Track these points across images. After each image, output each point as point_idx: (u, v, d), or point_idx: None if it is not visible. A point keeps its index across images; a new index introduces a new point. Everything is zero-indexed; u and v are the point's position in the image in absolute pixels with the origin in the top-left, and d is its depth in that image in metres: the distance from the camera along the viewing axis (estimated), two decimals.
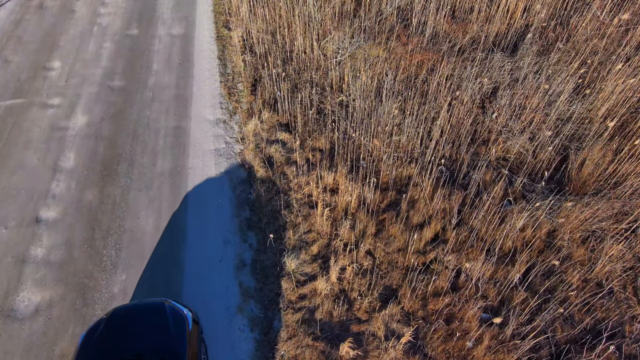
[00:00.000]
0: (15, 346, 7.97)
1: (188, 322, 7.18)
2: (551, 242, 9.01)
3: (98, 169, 10.55)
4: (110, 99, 12.14)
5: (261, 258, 9.11)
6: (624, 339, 7.92)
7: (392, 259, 8.95)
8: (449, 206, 9.49)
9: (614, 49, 12.02)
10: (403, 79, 11.80)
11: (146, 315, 7.30)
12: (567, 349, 7.79)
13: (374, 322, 8.16)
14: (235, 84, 12.56)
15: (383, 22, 13.22)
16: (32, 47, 13.61)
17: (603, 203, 9.20)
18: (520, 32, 12.78)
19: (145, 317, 7.27)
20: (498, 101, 11.18)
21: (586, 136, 10.37)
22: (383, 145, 10.44)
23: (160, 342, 6.87)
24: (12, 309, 8.43)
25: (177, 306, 7.40)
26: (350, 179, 9.80)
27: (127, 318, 7.28)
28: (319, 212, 9.34)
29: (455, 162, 10.34)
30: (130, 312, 7.40)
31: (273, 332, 8.13)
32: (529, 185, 9.88)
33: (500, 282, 8.49)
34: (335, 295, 8.50)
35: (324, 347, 7.89)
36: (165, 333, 6.94)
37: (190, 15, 14.88)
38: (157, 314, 7.24)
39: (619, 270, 8.63)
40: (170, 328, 7.00)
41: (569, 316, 8.18)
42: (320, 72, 12.27)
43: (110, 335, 6.97)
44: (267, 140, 11.02)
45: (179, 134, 11.30)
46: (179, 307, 7.40)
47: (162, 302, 7.43)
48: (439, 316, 8.20)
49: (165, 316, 7.16)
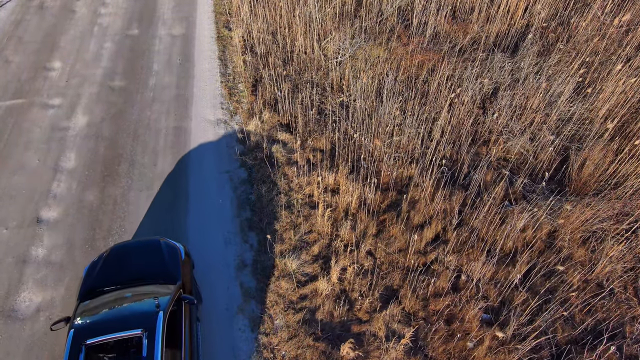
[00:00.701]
0: (16, 347, 7.98)
1: (181, 253, 8.01)
2: (552, 243, 9.02)
3: (99, 169, 10.55)
4: (110, 99, 12.14)
5: (262, 258, 9.11)
6: (624, 339, 7.93)
7: (393, 259, 8.96)
8: (450, 207, 9.50)
9: (614, 49, 12.03)
10: (404, 80, 11.81)
11: (143, 248, 8.03)
12: (568, 349, 7.80)
13: (375, 322, 8.16)
14: (235, 84, 12.56)
15: (384, 23, 13.23)
16: (32, 48, 13.61)
17: (604, 203, 9.21)
18: (520, 32, 12.79)
19: (142, 250, 8.00)
20: (499, 101, 11.18)
21: (587, 136, 10.38)
22: (384, 145, 10.45)
23: (157, 268, 7.65)
24: (13, 309, 8.44)
25: (170, 242, 8.17)
26: (351, 179, 9.80)
27: (126, 252, 7.99)
28: (320, 213, 9.35)
29: (455, 162, 10.35)
30: (128, 247, 8.10)
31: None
32: (530, 185, 9.89)
33: (501, 283, 8.50)
34: (336, 296, 8.51)
35: (324, 348, 7.90)
36: (161, 262, 7.75)
37: (190, 15, 14.88)
38: (152, 247, 8.01)
39: (620, 271, 8.64)
40: (165, 257, 7.81)
41: (570, 317, 8.18)
42: (320, 73, 12.28)
43: (111, 266, 7.71)
44: (267, 140, 11.02)
45: (179, 134, 11.31)
46: (172, 242, 8.17)
47: (157, 238, 8.19)
48: (439, 317, 8.20)
49: (160, 249, 7.95)
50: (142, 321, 6.64)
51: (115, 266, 7.72)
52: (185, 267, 7.86)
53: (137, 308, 6.85)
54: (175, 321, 7.19)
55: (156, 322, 6.62)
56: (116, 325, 6.64)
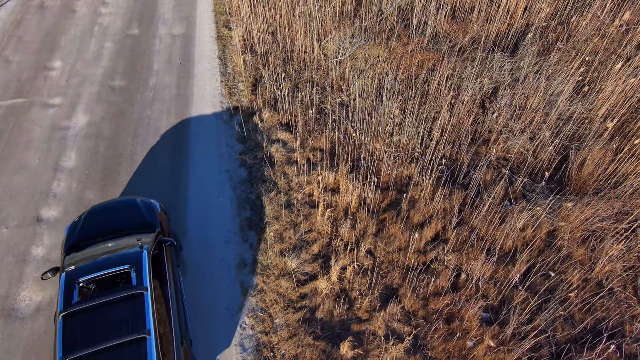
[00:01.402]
0: (16, 346, 7.99)
1: (157, 208, 8.60)
2: (552, 242, 9.03)
3: (99, 168, 10.56)
4: (111, 99, 12.15)
5: (262, 258, 9.13)
6: (624, 338, 7.94)
7: (393, 258, 8.97)
8: (450, 206, 9.50)
9: (614, 49, 12.03)
10: (404, 79, 11.82)
11: (120, 205, 8.58)
12: (568, 348, 7.81)
13: (375, 321, 8.17)
14: (236, 84, 12.57)
15: (384, 22, 13.24)
16: (33, 47, 13.62)
17: (603, 203, 9.21)
18: (520, 32, 12.80)
19: (120, 206, 8.55)
20: (499, 101, 11.19)
21: (586, 136, 10.39)
22: (384, 145, 10.46)
23: (135, 220, 8.22)
24: (13, 308, 8.45)
25: (146, 199, 8.74)
26: (351, 178, 9.81)
27: (104, 209, 8.49)
28: (320, 212, 9.36)
29: (456, 162, 10.36)
30: (106, 205, 8.59)
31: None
32: (530, 185, 9.89)
33: (501, 282, 8.51)
34: (336, 295, 8.52)
35: (324, 347, 7.91)
36: (139, 214, 8.32)
37: (191, 15, 14.89)
38: (129, 204, 8.58)
39: (620, 270, 8.65)
40: (143, 211, 8.40)
41: (570, 316, 8.19)
42: (321, 72, 12.29)
43: (92, 222, 8.21)
44: (268, 140, 11.03)
45: (180, 134, 11.32)
46: (147, 199, 8.74)
47: (132, 197, 8.75)
48: (439, 316, 8.21)
49: (136, 204, 8.53)
50: (128, 259, 7.30)
51: (96, 222, 8.21)
52: (162, 217, 8.53)
53: (123, 250, 7.49)
54: (158, 262, 7.79)
55: (142, 258, 7.31)
56: (105, 265, 7.26)
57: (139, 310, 6.74)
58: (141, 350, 6.40)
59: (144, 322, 6.64)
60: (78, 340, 6.48)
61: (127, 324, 6.63)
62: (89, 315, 6.68)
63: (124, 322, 6.64)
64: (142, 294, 6.88)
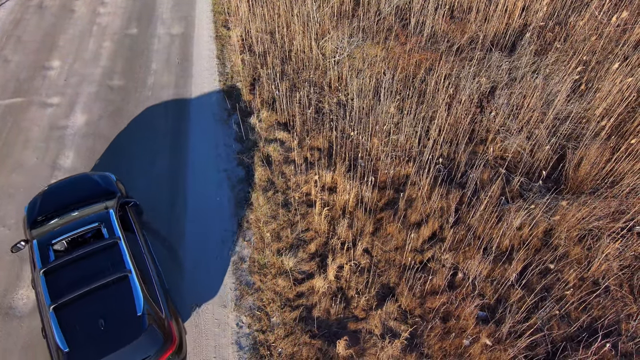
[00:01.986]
0: (14, 344, 8.01)
1: (113, 178, 8.93)
2: (548, 241, 9.05)
3: (98, 168, 10.58)
4: (109, 98, 12.18)
5: (259, 256, 9.15)
6: (620, 336, 7.96)
7: (390, 257, 8.99)
8: (447, 205, 9.53)
9: (611, 48, 12.05)
10: (401, 78, 11.84)
11: (77, 180, 8.81)
12: (564, 346, 7.83)
13: (371, 320, 8.19)
14: (234, 83, 12.59)
15: (381, 22, 13.26)
16: (31, 47, 13.65)
17: (600, 202, 9.24)
18: (518, 31, 12.82)
19: (76, 181, 8.79)
20: (496, 100, 11.21)
21: (583, 135, 10.40)
22: (381, 144, 10.48)
23: (94, 191, 8.48)
24: (10, 306, 8.47)
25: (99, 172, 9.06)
26: (348, 177, 9.83)
27: (61, 185, 8.70)
28: (317, 211, 9.38)
29: (453, 161, 10.38)
30: (63, 182, 8.80)
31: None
32: (527, 184, 9.91)
33: (497, 281, 8.53)
34: (332, 293, 8.54)
35: (321, 345, 7.93)
36: (96, 185, 8.61)
37: (189, 14, 14.92)
38: (85, 178, 8.87)
39: (616, 269, 8.67)
40: (99, 182, 8.70)
41: (566, 314, 8.21)
42: (318, 72, 12.31)
43: (51, 198, 8.39)
44: (265, 139, 11.05)
45: (178, 133, 11.33)
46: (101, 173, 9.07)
47: (86, 173, 9.09)
48: (435, 314, 8.23)
49: (91, 177, 8.83)
50: (97, 218, 7.83)
51: (56, 197, 8.40)
52: (119, 185, 8.88)
53: (89, 213, 7.96)
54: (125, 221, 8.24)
55: (109, 214, 7.90)
56: (75, 227, 7.73)
57: (116, 255, 7.29)
58: (125, 287, 6.94)
59: (123, 264, 7.21)
60: (62, 288, 6.91)
61: (107, 269, 7.14)
62: (68, 268, 7.13)
63: (103, 267, 7.15)
64: (116, 243, 7.43)
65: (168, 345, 6.89)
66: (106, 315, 6.73)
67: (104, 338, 6.60)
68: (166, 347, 6.85)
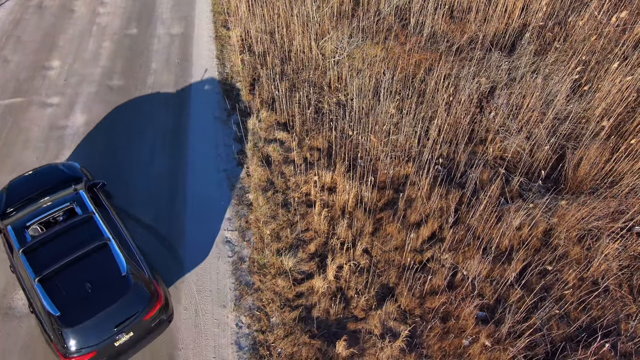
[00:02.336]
0: (13, 344, 8.01)
1: (77, 165, 9.11)
2: (547, 241, 9.05)
3: (97, 168, 10.57)
4: (109, 98, 12.17)
5: (259, 256, 9.16)
6: (619, 337, 7.96)
7: (389, 257, 8.99)
8: (446, 205, 9.53)
9: (611, 48, 12.05)
10: (401, 79, 11.84)
11: (42, 170, 8.94)
12: (563, 346, 7.83)
13: (371, 320, 8.19)
14: (233, 83, 12.60)
15: (381, 22, 13.26)
16: (31, 47, 13.65)
17: (599, 202, 9.24)
18: (517, 31, 12.82)
19: (41, 172, 8.91)
20: (495, 100, 11.22)
21: (583, 135, 10.41)
22: (380, 144, 10.48)
23: (59, 178, 8.63)
24: (10, 307, 8.47)
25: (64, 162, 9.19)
26: (347, 177, 9.83)
27: (27, 177, 8.81)
28: (317, 211, 9.38)
29: (452, 161, 10.38)
30: (28, 174, 8.91)
31: None
32: (526, 184, 9.92)
33: (497, 281, 8.53)
34: (332, 294, 8.54)
35: (320, 345, 7.93)
36: (61, 173, 8.75)
37: (189, 14, 14.92)
38: (49, 168, 8.98)
39: (615, 269, 8.67)
40: (64, 170, 8.85)
41: (565, 314, 8.21)
42: (318, 72, 12.31)
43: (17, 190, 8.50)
44: (265, 139, 11.06)
45: (177, 133, 11.34)
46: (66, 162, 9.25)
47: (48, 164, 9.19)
48: (435, 314, 8.23)
49: (56, 167, 8.95)
50: (69, 199, 8.07)
51: (21, 189, 8.51)
52: (84, 171, 9.07)
53: (60, 197, 8.13)
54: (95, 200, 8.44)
55: (80, 194, 8.17)
56: (47, 209, 7.92)
57: (93, 228, 7.60)
58: (106, 253, 7.26)
59: (101, 234, 7.53)
60: (45, 262, 7.13)
61: (86, 240, 7.41)
62: (47, 244, 7.36)
63: (82, 240, 7.41)
64: (90, 217, 7.73)
65: (155, 300, 7.24)
66: (92, 280, 7.03)
67: (93, 299, 6.90)
68: (153, 303, 7.21)
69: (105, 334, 6.81)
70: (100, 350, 6.85)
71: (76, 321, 6.71)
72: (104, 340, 6.81)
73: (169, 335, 8.12)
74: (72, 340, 6.68)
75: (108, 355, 7.02)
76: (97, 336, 6.77)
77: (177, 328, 8.20)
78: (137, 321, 7.04)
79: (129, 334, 7.03)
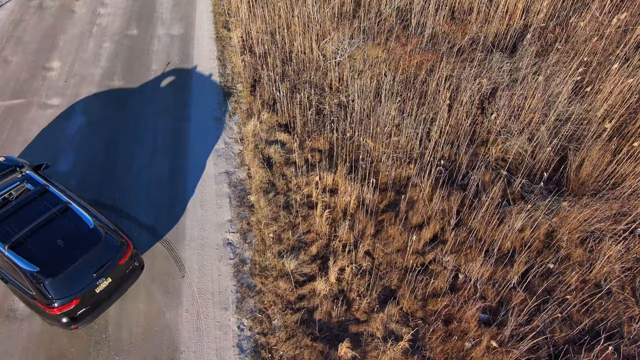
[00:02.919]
0: (14, 346, 7.98)
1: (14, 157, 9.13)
2: (550, 243, 9.03)
3: (97, 169, 10.55)
4: (109, 98, 12.13)
5: (260, 258, 9.12)
6: (622, 339, 7.94)
7: (391, 259, 8.96)
8: (448, 207, 9.50)
9: (612, 49, 12.04)
10: (402, 80, 11.81)
11: None
12: (566, 349, 7.81)
13: (373, 322, 8.17)
14: (234, 85, 12.57)
15: (382, 23, 13.24)
16: (31, 48, 13.61)
17: (601, 204, 9.21)
18: (519, 32, 12.80)
19: None
20: (497, 102, 11.19)
21: (585, 137, 10.38)
22: (382, 146, 10.45)
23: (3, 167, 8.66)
24: (11, 309, 8.44)
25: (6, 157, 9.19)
26: (349, 179, 9.81)
27: None
28: (318, 213, 9.35)
29: (454, 162, 10.36)
30: None
31: None
32: (528, 185, 9.89)
33: (499, 283, 8.51)
34: (334, 296, 8.51)
35: (322, 348, 7.91)
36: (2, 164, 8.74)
37: (189, 15, 14.88)
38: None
39: (618, 271, 8.65)
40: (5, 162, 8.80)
41: (568, 317, 8.19)
42: (319, 73, 12.29)
43: None
44: (266, 140, 11.03)
45: (178, 135, 11.31)
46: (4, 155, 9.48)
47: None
48: (437, 317, 8.21)
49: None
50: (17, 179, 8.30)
51: None
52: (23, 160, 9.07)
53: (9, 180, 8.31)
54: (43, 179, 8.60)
55: (28, 174, 8.43)
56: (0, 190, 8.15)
57: (50, 197, 7.99)
58: (70, 214, 7.75)
59: (60, 200, 7.95)
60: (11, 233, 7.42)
61: (47, 208, 7.76)
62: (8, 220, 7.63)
63: (43, 208, 7.77)
64: (45, 189, 8.09)
65: (125, 247, 7.89)
66: (63, 237, 7.52)
67: (67, 252, 7.42)
68: (124, 249, 7.85)
69: (85, 280, 7.40)
70: (84, 297, 7.39)
71: (56, 272, 7.19)
72: (85, 286, 7.39)
73: (171, 338, 8.09)
74: (55, 289, 7.17)
75: (92, 303, 7.60)
76: (78, 283, 7.34)
77: (178, 331, 8.18)
78: (113, 267, 7.66)
79: (108, 279, 7.64)
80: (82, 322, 7.60)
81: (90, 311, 7.64)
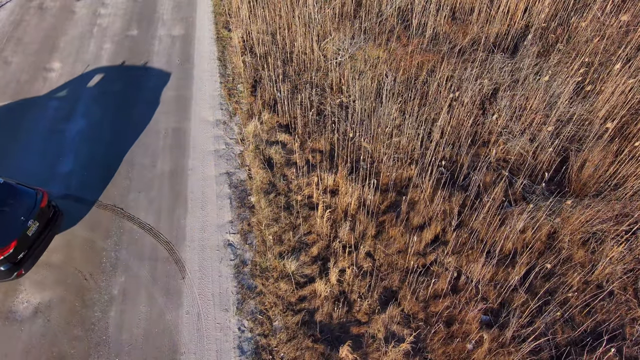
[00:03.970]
0: (14, 348, 7.96)
1: None
2: (551, 244, 9.00)
3: (97, 170, 10.53)
4: (110, 99, 12.11)
5: (261, 259, 9.10)
6: (624, 341, 7.90)
7: (392, 260, 8.94)
8: (449, 208, 9.47)
9: (614, 50, 12.00)
10: (403, 80, 11.78)
11: None
12: (568, 351, 7.78)
13: (374, 324, 8.14)
14: (235, 85, 12.55)
15: (383, 23, 13.21)
16: (32, 48, 13.59)
17: (603, 205, 9.18)
18: (520, 33, 12.77)
19: None
20: (498, 102, 11.16)
21: (586, 137, 10.35)
22: (383, 146, 10.43)
23: None
24: (11, 310, 8.42)
25: None
26: (350, 180, 9.78)
27: None
28: (319, 214, 9.33)
29: (455, 163, 10.33)
30: None
31: None
32: (529, 186, 9.86)
33: (501, 284, 8.48)
34: (335, 297, 8.49)
35: (323, 349, 7.88)
36: None
37: (190, 16, 14.87)
38: None
39: (620, 272, 8.62)
40: None
41: (570, 318, 8.16)
42: (320, 73, 12.26)
43: None
44: (267, 141, 11.00)
45: (179, 135, 11.29)
46: None
47: None
48: (439, 318, 8.18)
49: None
50: None
51: None
52: None
53: None
54: None
55: None
56: None
57: None
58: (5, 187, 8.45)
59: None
60: None
61: None
62: None
63: None
64: None
65: (42, 193, 8.77)
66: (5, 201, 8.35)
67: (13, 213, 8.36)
68: (41, 194, 8.74)
69: (16, 224, 8.18)
70: (19, 239, 8.12)
71: None
72: (17, 229, 8.14)
73: (171, 340, 8.06)
74: None
75: (29, 247, 8.35)
76: (10, 227, 8.11)
77: (179, 332, 8.15)
78: (37, 210, 8.47)
79: (36, 223, 8.43)
80: (25, 265, 8.32)
81: (29, 255, 8.38)
